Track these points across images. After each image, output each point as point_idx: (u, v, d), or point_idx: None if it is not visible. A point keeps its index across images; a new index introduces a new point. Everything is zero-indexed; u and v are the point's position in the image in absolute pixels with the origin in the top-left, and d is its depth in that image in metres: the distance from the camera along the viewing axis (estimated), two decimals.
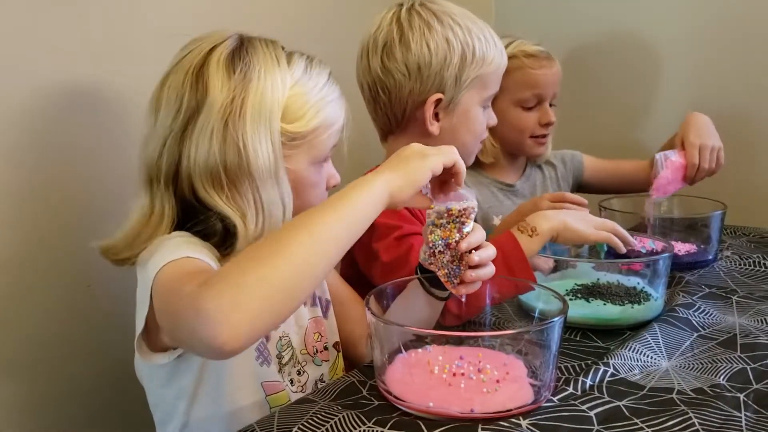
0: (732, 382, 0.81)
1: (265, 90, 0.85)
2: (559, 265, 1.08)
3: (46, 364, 1.06)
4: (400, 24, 1.12)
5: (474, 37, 1.11)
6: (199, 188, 0.85)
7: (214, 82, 0.85)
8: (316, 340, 0.98)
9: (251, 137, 0.84)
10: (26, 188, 1.02)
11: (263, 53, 0.88)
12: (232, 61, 0.86)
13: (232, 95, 0.84)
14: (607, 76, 1.89)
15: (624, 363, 0.86)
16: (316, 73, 0.91)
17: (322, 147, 0.91)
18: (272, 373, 0.91)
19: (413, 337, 0.79)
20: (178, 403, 0.88)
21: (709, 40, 1.73)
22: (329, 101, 0.91)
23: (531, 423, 0.71)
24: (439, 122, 1.14)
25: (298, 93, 0.88)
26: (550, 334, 0.77)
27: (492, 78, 1.15)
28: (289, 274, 0.67)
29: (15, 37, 0.98)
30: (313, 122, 0.89)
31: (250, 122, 0.84)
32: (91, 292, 1.10)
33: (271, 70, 0.87)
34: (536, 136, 1.46)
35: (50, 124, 1.04)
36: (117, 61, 1.10)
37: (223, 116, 0.84)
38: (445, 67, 1.10)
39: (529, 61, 1.42)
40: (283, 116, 0.87)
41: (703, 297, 1.08)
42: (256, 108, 0.85)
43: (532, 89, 1.42)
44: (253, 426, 0.74)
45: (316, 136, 0.90)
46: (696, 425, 0.71)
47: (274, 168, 0.86)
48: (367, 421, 0.72)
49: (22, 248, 1.02)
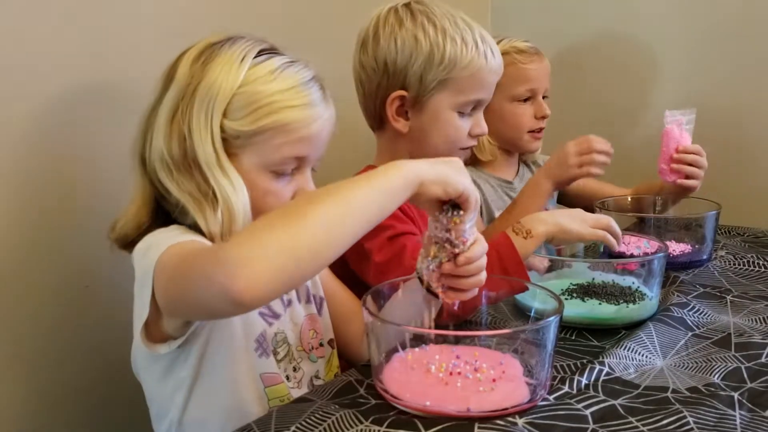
0: (726, 381, 0.82)
1: (215, 81, 0.85)
2: (555, 265, 1.09)
3: (43, 363, 1.06)
4: (378, 21, 1.14)
5: (448, 38, 1.09)
6: (158, 172, 0.86)
7: (181, 68, 0.87)
8: (311, 336, 0.98)
9: (195, 124, 0.85)
10: (25, 189, 1.02)
11: (235, 48, 0.87)
12: (203, 51, 0.88)
13: (188, 81, 0.86)
14: (602, 74, 1.89)
15: (619, 362, 0.86)
16: (286, 76, 0.87)
17: (275, 154, 0.87)
18: (271, 364, 0.91)
19: (410, 336, 0.79)
20: (175, 396, 0.88)
21: (702, 39, 1.74)
22: (289, 106, 0.86)
23: (527, 422, 0.72)
24: (408, 121, 1.14)
25: (249, 91, 0.85)
26: (545, 333, 0.77)
27: (468, 83, 1.11)
28: (317, 235, 0.68)
29: (19, 36, 0.98)
30: (257, 124, 0.85)
31: (196, 110, 0.85)
32: (89, 292, 1.10)
33: (229, 63, 0.86)
34: (533, 131, 1.48)
35: (50, 125, 1.03)
36: (115, 60, 1.10)
37: (176, 100, 0.86)
38: (410, 65, 1.10)
39: (520, 56, 1.45)
40: (226, 111, 0.85)
41: (697, 296, 1.09)
42: (203, 97, 0.85)
43: (525, 83, 1.45)
44: (251, 425, 0.74)
45: (264, 140, 0.86)
46: (690, 424, 0.71)
47: (216, 160, 0.84)
48: (364, 420, 0.73)
49: (21, 248, 1.02)
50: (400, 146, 1.16)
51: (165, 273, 0.77)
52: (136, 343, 0.85)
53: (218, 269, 0.66)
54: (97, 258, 1.08)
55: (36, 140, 1.02)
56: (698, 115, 1.40)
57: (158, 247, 0.80)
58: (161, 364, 0.87)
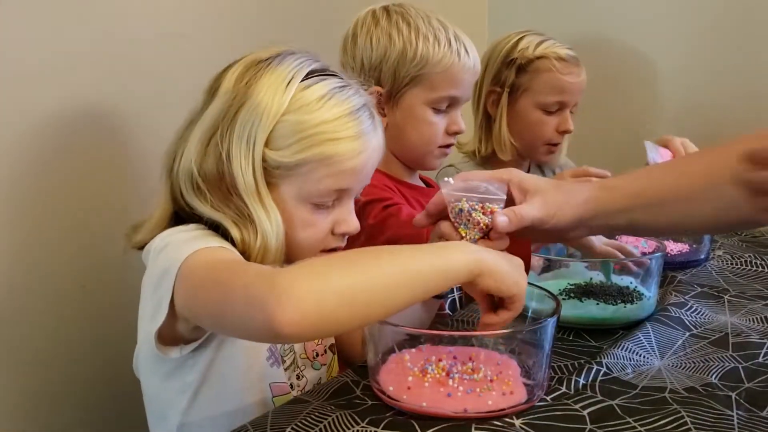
0: (724, 381, 0.81)
1: (259, 104, 0.81)
2: (552, 265, 1.09)
3: (41, 362, 1.06)
4: (357, 23, 1.18)
5: (420, 36, 1.13)
6: (182, 188, 0.83)
7: (225, 85, 0.83)
8: (316, 343, 0.96)
9: (236, 151, 0.81)
10: (24, 189, 1.02)
11: (283, 68, 0.83)
12: (249, 69, 0.84)
13: (231, 102, 0.82)
14: (601, 74, 1.89)
15: (617, 362, 0.86)
16: (335, 103, 0.82)
17: (317, 186, 0.83)
18: (281, 374, 0.89)
19: (407, 337, 0.79)
20: (178, 399, 0.85)
21: (703, 41, 1.74)
22: (335, 138, 0.82)
23: (524, 422, 0.71)
24: (385, 117, 1.16)
25: (293, 120, 0.81)
26: (543, 333, 0.77)
27: (441, 79, 1.14)
28: (374, 290, 0.67)
29: (24, 46, 0.98)
30: (300, 155, 0.81)
31: (237, 134, 0.81)
32: (86, 292, 1.09)
33: (275, 86, 0.81)
34: (550, 144, 1.46)
35: (49, 127, 1.03)
36: (118, 68, 1.10)
37: (216, 119, 0.82)
38: (384, 62, 1.14)
39: (560, 65, 1.42)
40: (268, 140, 0.81)
41: (695, 296, 1.09)
42: (245, 122, 0.81)
43: (557, 95, 1.42)
44: (246, 426, 0.74)
45: (306, 171, 0.82)
46: (688, 424, 0.71)
47: (255, 188, 0.81)
48: (361, 420, 0.72)
49: (19, 249, 1.02)
50: None
51: (193, 277, 0.74)
52: (141, 342, 0.83)
53: (270, 295, 0.63)
54: (94, 258, 1.08)
55: (37, 143, 1.02)
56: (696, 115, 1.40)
57: (178, 247, 0.76)
58: (167, 366, 0.84)
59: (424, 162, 1.22)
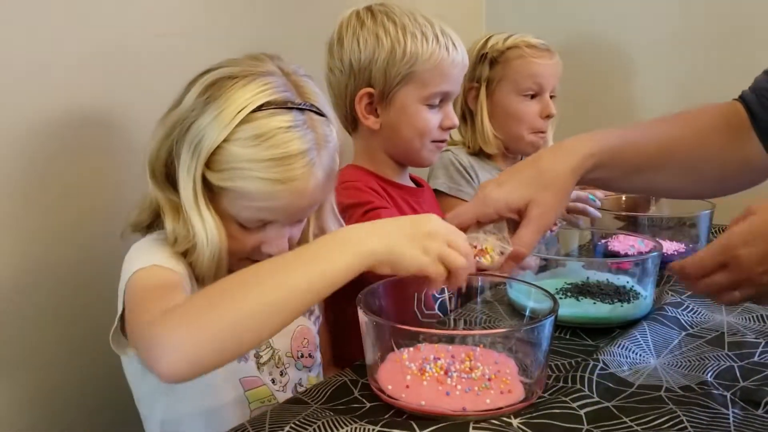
0: (719, 380, 0.82)
1: (206, 127, 0.83)
2: (549, 264, 1.09)
3: (39, 363, 1.06)
4: (342, 25, 1.18)
5: (408, 34, 1.13)
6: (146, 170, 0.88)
7: (191, 92, 0.86)
8: (303, 345, 0.99)
9: (183, 162, 0.85)
10: (24, 190, 1.02)
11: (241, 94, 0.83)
12: (214, 84, 0.85)
13: (188, 112, 0.85)
14: (598, 73, 1.90)
15: (613, 360, 0.86)
16: (272, 144, 0.82)
17: (240, 213, 0.87)
18: (250, 368, 0.91)
19: (405, 336, 0.79)
20: (157, 398, 0.89)
21: (697, 39, 1.75)
22: (257, 177, 0.82)
23: (522, 421, 0.72)
24: (379, 117, 1.17)
25: (229, 150, 0.83)
26: (540, 332, 0.77)
27: (432, 75, 1.14)
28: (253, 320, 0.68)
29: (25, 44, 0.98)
30: (225, 183, 0.84)
31: (185, 148, 0.84)
32: (84, 291, 1.09)
33: (225, 112, 0.83)
34: (536, 132, 1.48)
35: (49, 127, 1.03)
36: (118, 69, 1.10)
37: (174, 123, 0.86)
38: (374, 62, 1.14)
39: (530, 50, 1.47)
40: (209, 162, 0.84)
41: (691, 296, 1.09)
42: (192, 138, 0.84)
43: (531, 77, 1.46)
44: (245, 425, 0.74)
45: (232, 198, 0.85)
46: (684, 422, 0.72)
47: (193, 197, 0.85)
48: (360, 419, 0.73)
49: (19, 249, 1.02)
50: (375, 144, 1.21)
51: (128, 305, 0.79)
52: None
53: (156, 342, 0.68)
54: (92, 258, 1.08)
55: (37, 143, 1.02)
56: None
57: (131, 263, 0.83)
58: (136, 364, 0.88)
59: (420, 158, 1.22)
